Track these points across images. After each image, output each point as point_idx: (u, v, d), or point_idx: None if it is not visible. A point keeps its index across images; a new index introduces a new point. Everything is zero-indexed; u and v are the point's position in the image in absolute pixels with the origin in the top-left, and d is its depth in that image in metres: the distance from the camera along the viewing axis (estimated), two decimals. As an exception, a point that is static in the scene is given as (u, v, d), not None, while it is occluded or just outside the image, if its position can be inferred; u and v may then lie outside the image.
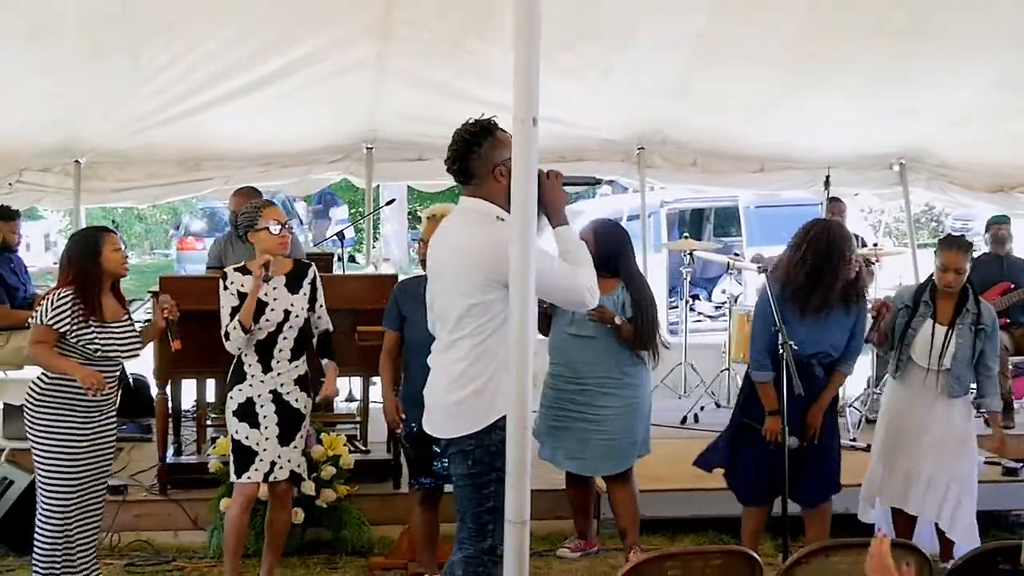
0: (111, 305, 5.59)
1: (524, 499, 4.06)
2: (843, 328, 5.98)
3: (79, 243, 5.62)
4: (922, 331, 6.17)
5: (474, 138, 4.51)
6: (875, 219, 18.98)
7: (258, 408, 5.79)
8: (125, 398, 8.59)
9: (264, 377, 5.80)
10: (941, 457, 6.22)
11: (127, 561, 6.72)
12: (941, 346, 6.13)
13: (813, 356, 5.89)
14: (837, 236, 5.89)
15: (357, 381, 9.01)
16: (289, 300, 5.83)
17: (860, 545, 4.32)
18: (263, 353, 5.79)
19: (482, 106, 4.66)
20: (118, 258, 5.57)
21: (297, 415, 5.90)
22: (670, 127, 9.90)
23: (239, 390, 5.81)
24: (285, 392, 5.84)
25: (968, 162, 10.51)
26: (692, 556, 4.28)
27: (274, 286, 5.79)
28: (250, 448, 5.78)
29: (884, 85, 8.91)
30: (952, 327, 6.13)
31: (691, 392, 10.21)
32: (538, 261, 4.24)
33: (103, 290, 5.55)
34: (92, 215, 12.90)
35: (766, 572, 4.23)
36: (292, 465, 5.91)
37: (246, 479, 5.81)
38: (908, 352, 6.22)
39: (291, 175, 10.25)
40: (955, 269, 6.12)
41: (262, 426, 5.79)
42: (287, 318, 5.80)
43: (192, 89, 8.49)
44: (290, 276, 5.88)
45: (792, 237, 5.99)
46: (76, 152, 9.49)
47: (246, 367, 5.81)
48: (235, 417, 5.80)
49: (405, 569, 6.51)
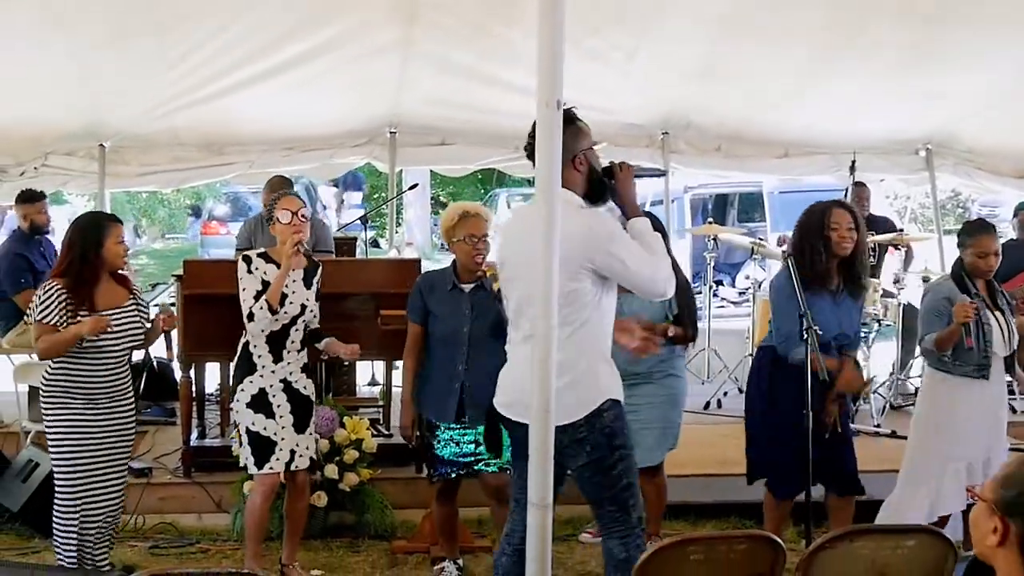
0: (108, 293, 5.53)
1: (548, 483, 4.07)
2: (855, 311, 5.95)
3: (82, 230, 5.53)
4: (993, 322, 6.09)
5: None
6: (900, 205, 18.91)
7: (271, 398, 5.80)
8: (149, 381, 8.69)
9: (275, 367, 5.81)
10: (997, 441, 6.24)
11: (151, 543, 6.74)
12: (1008, 330, 6.10)
13: (834, 338, 5.83)
14: (819, 211, 5.84)
15: (380, 365, 9.03)
16: (305, 295, 5.86)
17: (885, 531, 4.31)
18: (275, 344, 5.80)
19: (506, 90, 4.67)
20: (119, 251, 5.53)
21: (307, 402, 5.93)
22: (694, 112, 9.86)
23: (250, 382, 5.82)
24: (294, 380, 5.86)
25: (995, 147, 10.43)
26: (715, 540, 4.27)
27: (294, 279, 5.82)
28: (268, 439, 5.79)
29: (910, 70, 8.85)
30: (1000, 310, 6.12)
31: (714, 377, 10.20)
32: (620, 250, 4.32)
33: (99, 279, 5.49)
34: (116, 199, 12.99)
35: (789, 557, 4.22)
36: (310, 452, 5.95)
37: (268, 470, 5.81)
38: (990, 349, 6.05)
39: (314, 159, 10.26)
40: (995, 252, 6.07)
41: (277, 416, 5.80)
42: (303, 312, 5.83)
43: (216, 73, 8.51)
44: (306, 272, 5.92)
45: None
46: (101, 136, 9.53)
47: (255, 358, 5.81)
48: (249, 409, 5.80)
49: (427, 553, 6.52)
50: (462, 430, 5.80)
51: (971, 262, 6.10)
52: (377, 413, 8.14)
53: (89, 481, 5.55)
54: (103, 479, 5.61)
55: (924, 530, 4.41)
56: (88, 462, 5.53)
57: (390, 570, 6.40)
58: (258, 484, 5.89)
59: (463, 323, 5.73)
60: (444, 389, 5.76)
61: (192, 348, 7.13)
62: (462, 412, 5.76)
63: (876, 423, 8.64)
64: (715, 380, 10.07)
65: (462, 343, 5.72)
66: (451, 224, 5.83)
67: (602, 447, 4.50)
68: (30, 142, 9.45)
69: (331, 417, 6.86)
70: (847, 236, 5.75)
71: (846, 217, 5.79)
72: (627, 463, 4.56)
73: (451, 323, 5.76)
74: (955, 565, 4.21)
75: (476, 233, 5.75)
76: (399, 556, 6.58)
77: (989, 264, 6.07)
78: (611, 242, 4.41)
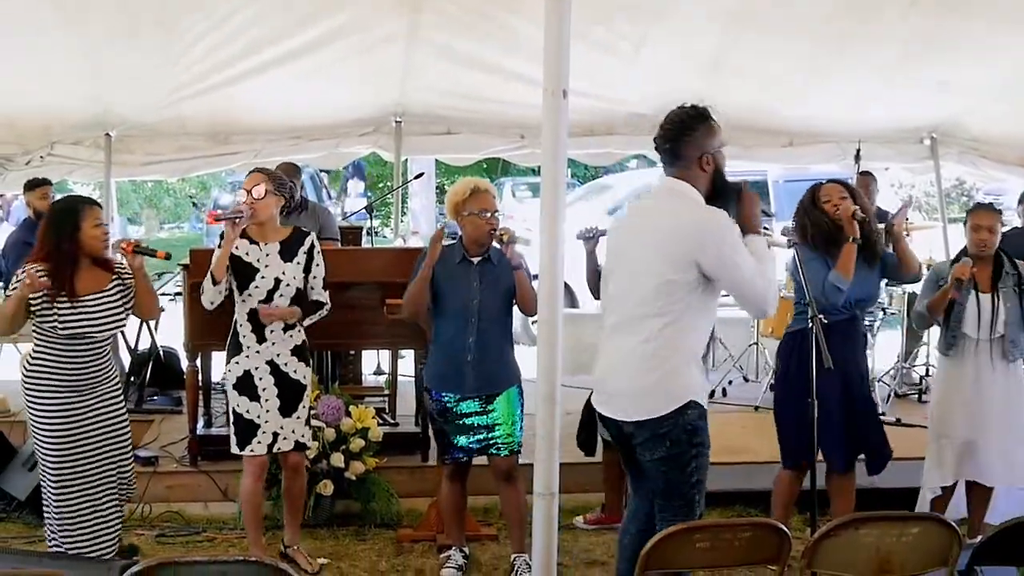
0: (90, 277, 5.43)
1: (553, 472, 4.10)
2: (871, 278, 6.03)
3: (58, 214, 5.46)
4: (969, 303, 6.15)
5: (691, 121, 4.59)
6: (905, 194, 18.88)
7: (256, 381, 5.81)
8: (155, 370, 8.72)
9: (259, 348, 5.81)
10: (1011, 424, 6.25)
11: (158, 532, 6.77)
12: (991, 314, 6.13)
13: (854, 303, 5.89)
14: (809, 192, 6.02)
15: (386, 354, 9.05)
16: (281, 268, 5.80)
17: (889, 518, 4.32)
18: (257, 324, 5.80)
19: (512, 80, 4.69)
20: (97, 235, 5.40)
21: (297, 386, 5.91)
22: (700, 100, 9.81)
23: (236, 363, 5.84)
24: (283, 363, 5.86)
25: (1001, 136, 10.39)
26: (721, 528, 4.29)
27: (267, 253, 5.79)
28: (251, 421, 5.81)
29: (915, 59, 8.82)
30: (996, 293, 6.14)
31: (719, 366, 10.20)
32: (735, 255, 4.37)
33: (79, 264, 5.38)
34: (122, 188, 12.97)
35: (794, 545, 4.24)
36: (296, 436, 5.93)
37: (249, 452, 5.84)
38: (959, 328, 6.19)
39: (320, 148, 10.24)
40: (987, 228, 6.14)
41: (262, 399, 5.81)
42: (277, 286, 5.78)
43: (222, 63, 8.49)
44: (285, 244, 5.86)
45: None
46: (107, 125, 9.51)
47: (241, 338, 5.82)
48: (235, 391, 5.83)
49: (434, 541, 6.54)
50: (476, 414, 5.81)
51: (968, 239, 6.22)
52: (383, 402, 8.16)
53: (72, 467, 5.47)
54: (90, 467, 5.53)
55: (928, 518, 4.43)
56: (72, 449, 5.46)
57: (396, 558, 6.42)
58: (246, 465, 5.93)
59: (472, 295, 5.75)
60: (456, 361, 5.78)
61: (198, 337, 7.16)
62: (472, 384, 5.79)
63: (881, 411, 8.62)
64: (720, 369, 10.07)
65: (472, 315, 5.74)
66: (462, 198, 5.84)
67: (682, 443, 4.54)
68: (37, 131, 9.44)
69: (337, 406, 6.88)
70: (838, 205, 5.90)
71: (835, 188, 5.99)
72: (701, 460, 4.61)
73: (460, 295, 5.78)
74: (959, 552, 4.23)
75: (488, 208, 5.78)
76: (405, 544, 6.59)
77: (981, 237, 6.14)
78: (725, 244, 4.42)
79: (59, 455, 5.45)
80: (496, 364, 5.86)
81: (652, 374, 4.49)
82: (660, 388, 4.49)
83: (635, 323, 4.54)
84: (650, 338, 4.48)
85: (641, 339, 4.50)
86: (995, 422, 6.22)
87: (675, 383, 4.50)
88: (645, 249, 4.55)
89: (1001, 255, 6.26)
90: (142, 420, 7.96)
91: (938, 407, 6.41)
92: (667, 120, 4.61)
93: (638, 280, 4.53)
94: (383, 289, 7.03)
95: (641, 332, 4.50)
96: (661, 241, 4.50)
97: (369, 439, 6.88)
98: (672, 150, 4.59)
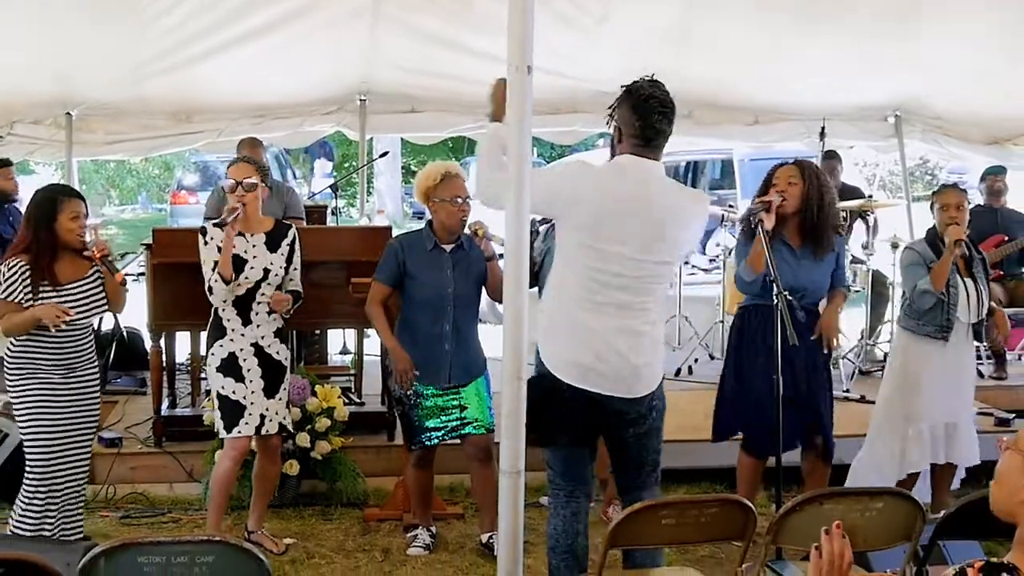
0: (70, 265, 5.48)
1: (519, 450, 4.08)
2: (817, 270, 5.92)
3: (37, 205, 5.47)
4: (959, 287, 6.16)
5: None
6: (869, 172, 18.98)
7: (241, 362, 5.82)
8: (119, 351, 8.65)
9: (244, 331, 5.83)
10: (964, 404, 6.37)
11: (122, 513, 6.74)
12: (976, 298, 6.16)
13: (789, 290, 5.77)
14: (768, 174, 5.98)
15: (351, 333, 9.03)
16: (268, 259, 5.84)
17: (853, 493, 4.35)
18: (242, 308, 5.81)
19: (476, 57, 4.66)
20: (74, 228, 5.42)
21: (279, 367, 5.94)
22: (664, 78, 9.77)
23: (220, 346, 5.83)
24: (266, 345, 5.87)
25: (964, 114, 10.44)
26: (687, 505, 4.30)
27: (254, 244, 5.81)
28: (238, 402, 5.81)
29: (880, 36, 8.82)
30: (973, 278, 6.17)
31: (685, 344, 10.22)
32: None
33: (57, 254, 5.42)
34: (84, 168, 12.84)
35: (760, 521, 4.25)
36: (280, 417, 5.96)
37: (236, 433, 5.83)
38: (955, 312, 6.16)
39: (284, 127, 10.19)
40: (956, 204, 6.18)
41: (247, 380, 5.81)
42: (266, 276, 5.82)
43: (185, 40, 8.41)
44: (270, 235, 5.89)
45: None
46: (68, 104, 9.42)
47: (225, 322, 5.82)
48: (219, 373, 5.82)
49: (400, 520, 6.54)
50: (447, 396, 5.81)
51: (938, 219, 6.24)
52: (349, 382, 8.14)
53: (57, 450, 5.52)
54: (70, 448, 5.57)
55: (892, 492, 4.45)
56: (56, 431, 5.50)
57: (362, 537, 6.41)
58: (228, 448, 5.90)
59: (447, 284, 5.72)
60: (433, 352, 5.75)
61: (162, 317, 7.12)
62: (451, 376, 5.78)
63: (845, 388, 8.69)
64: (686, 347, 10.09)
65: (447, 304, 5.72)
66: (432, 183, 5.78)
67: (662, 412, 4.79)
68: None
69: (303, 386, 6.85)
70: (785, 189, 5.81)
71: (786, 171, 5.88)
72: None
73: (435, 285, 5.74)
74: (923, 527, 4.26)
75: (460, 194, 5.74)
76: (371, 524, 6.59)
77: (950, 215, 6.17)
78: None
79: (44, 439, 5.47)
80: (473, 353, 5.88)
81: (653, 354, 4.68)
82: (658, 366, 4.72)
83: (634, 309, 4.58)
84: (652, 321, 4.65)
85: (644, 322, 4.62)
86: (963, 401, 6.29)
87: (661, 358, 4.78)
88: (649, 236, 4.52)
89: (966, 241, 6.26)
90: (106, 401, 7.85)
91: (914, 392, 6.30)
92: (670, 101, 4.67)
93: (641, 266, 4.54)
94: (348, 268, 7.01)
95: (645, 316, 4.61)
96: (664, 228, 4.53)
97: (335, 419, 6.86)
98: (648, 139, 4.62)
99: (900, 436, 6.31)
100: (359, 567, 6.00)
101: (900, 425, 6.33)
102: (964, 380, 6.37)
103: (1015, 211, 9.69)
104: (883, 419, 6.43)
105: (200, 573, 3.58)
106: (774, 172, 5.92)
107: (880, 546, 4.35)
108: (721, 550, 6.03)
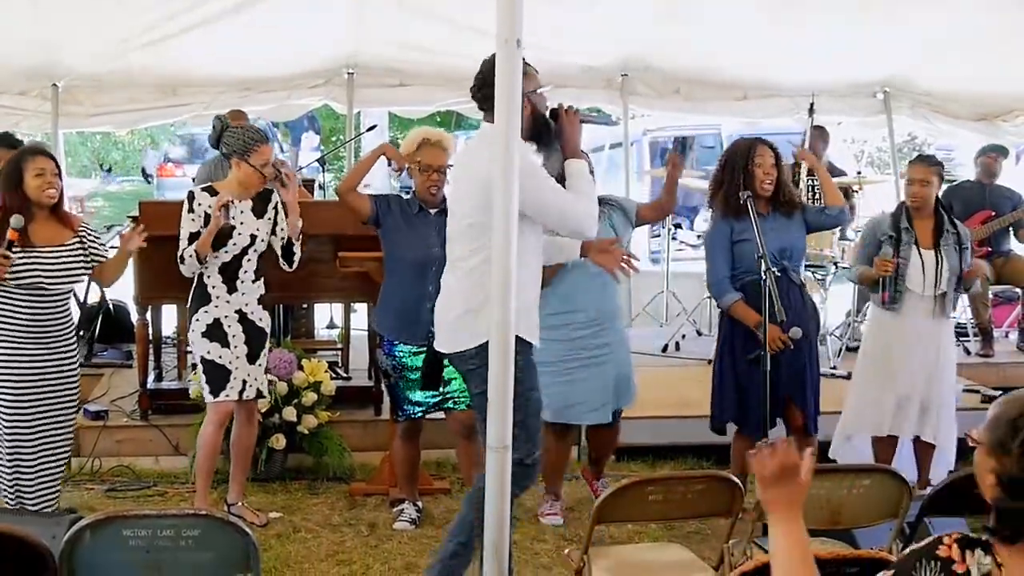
0: (48, 229, 5.41)
1: (507, 424, 4.06)
2: (792, 227, 5.96)
3: (6, 168, 5.44)
4: (912, 258, 6.17)
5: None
6: (858, 149, 18.97)
7: (226, 328, 5.85)
8: (105, 324, 8.62)
9: (230, 297, 5.85)
10: (936, 380, 6.30)
11: (108, 486, 6.72)
12: (935, 271, 6.15)
13: (775, 254, 5.74)
14: (745, 146, 5.97)
15: (338, 308, 9.00)
16: (255, 225, 5.86)
17: (840, 471, 4.35)
18: (227, 275, 5.83)
19: (465, 31, 4.64)
20: (39, 184, 5.34)
21: (261, 333, 5.98)
22: (653, 54, 9.79)
23: (205, 312, 5.84)
24: (250, 312, 5.91)
25: (953, 91, 10.45)
26: (674, 481, 4.31)
27: (241, 210, 5.81)
28: (223, 367, 5.83)
29: (869, 11, 8.81)
30: (938, 249, 6.16)
31: (672, 321, 10.23)
32: (537, 184, 4.37)
33: (32, 215, 5.33)
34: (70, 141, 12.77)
35: (748, 498, 4.26)
36: (259, 383, 6.00)
37: (224, 397, 5.85)
38: (904, 283, 6.20)
39: (271, 100, 10.14)
40: (919, 181, 6.19)
41: (232, 345, 5.84)
42: (252, 242, 5.84)
43: (172, 12, 8.37)
44: (256, 201, 5.90)
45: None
46: (54, 76, 9.36)
47: (210, 288, 5.83)
48: (205, 338, 5.83)
49: (386, 495, 6.53)
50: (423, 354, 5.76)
51: (905, 191, 6.32)
52: (335, 356, 8.13)
53: (26, 418, 5.43)
54: (41, 418, 5.48)
55: (879, 470, 4.46)
56: (25, 399, 5.42)
57: (349, 512, 6.41)
58: (212, 413, 5.92)
59: (432, 244, 5.68)
60: (415, 310, 5.70)
61: (148, 290, 7.08)
62: (428, 333, 5.76)
63: (832, 365, 8.70)
64: (673, 323, 10.09)
65: (432, 263, 5.68)
66: (410, 149, 5.85)
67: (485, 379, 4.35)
68: (-20, 81, 9.29)
69: (289, 360, 6.83)
70: (770, 174, 5.87)
71: (769, 155, 5.90)
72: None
73: (421, 248, 5.72)
74: (910, 504, 4.27)
75: (432, 164, 5.75)
76: (358, 498, 6.59)
77: (912, 191, 6.21)
78: (528, 177, 4.29)
79: (14, 405, 5.41)
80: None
81: (458, 309, 4.66)
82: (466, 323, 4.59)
83: (452, 265, 4.71)
84: (463, 277, 4.62)
85: (457, 277, 4.67)
86: (925, 378, 6.26)
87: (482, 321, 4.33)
88: (463, 192, 4.66)
89: (942, 212, 6.27)
90: (92, 374, 7.88)
91: (876, 360, 6.38)
92: (479, 69, 4.60)
93: (455, 224, 4.69)
94: (335, 242, 6.98)
95: (457, 271, 4.67)
96: (471, 184, 4.53)
97: (321, 393, 6.85)
98: (484, 96, 4.53)
99: (873, 404, 6.35)
100: (345, 541, 6.00)
101: (872, 396, 6.37)
102: (938, 359, 6.31)
103: (1004, 187, 9.61)
104: (858, 391, 6.51)
105: (186, 547, 3.59)
106: (754, 148, 5.89)
107: (867, 523, 4.36)
108: (708, 526, 6.04)
